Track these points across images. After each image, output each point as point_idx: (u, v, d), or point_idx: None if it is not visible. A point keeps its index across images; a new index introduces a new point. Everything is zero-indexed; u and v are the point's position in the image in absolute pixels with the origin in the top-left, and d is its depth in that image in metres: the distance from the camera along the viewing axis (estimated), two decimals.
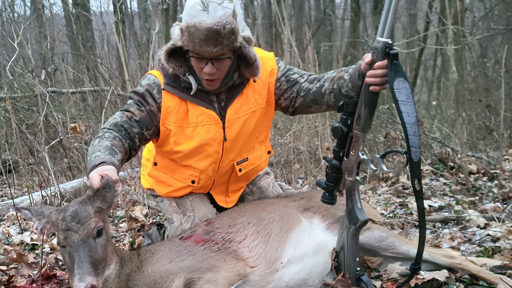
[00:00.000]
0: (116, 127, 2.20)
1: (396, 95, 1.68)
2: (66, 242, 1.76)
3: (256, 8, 15.13)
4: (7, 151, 5.90)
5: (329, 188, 2.04)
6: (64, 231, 1.77)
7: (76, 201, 1.87)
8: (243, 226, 2.14)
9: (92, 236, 1.78)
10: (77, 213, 1.79)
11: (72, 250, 1.73)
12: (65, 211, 1.81)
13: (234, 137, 2.33)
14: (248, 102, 2.33)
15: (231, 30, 1.98)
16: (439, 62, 12.76)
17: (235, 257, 2.00)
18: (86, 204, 1.83)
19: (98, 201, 1.85)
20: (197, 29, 1.97)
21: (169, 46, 2.14)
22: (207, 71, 2.10)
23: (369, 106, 1.85)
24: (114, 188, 1.87)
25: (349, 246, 2.02)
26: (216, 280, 1.86)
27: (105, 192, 1.85)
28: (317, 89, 2.25)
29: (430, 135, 5.44)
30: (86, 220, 1.78)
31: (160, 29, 5.05)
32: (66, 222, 1.77)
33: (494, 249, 2.41)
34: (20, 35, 5.82)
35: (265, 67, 2.34)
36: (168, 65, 2.17)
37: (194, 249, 2.03)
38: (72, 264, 1.72)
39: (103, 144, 2.06)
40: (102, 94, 6.40)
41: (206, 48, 2.00)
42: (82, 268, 1.69)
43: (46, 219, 1.88)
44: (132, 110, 2.24)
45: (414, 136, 1.65)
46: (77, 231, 1.76)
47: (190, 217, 2.44)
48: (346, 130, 1.92)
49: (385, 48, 1.75)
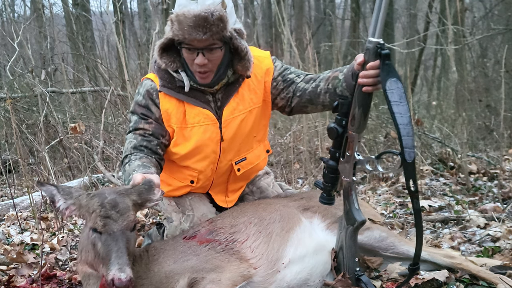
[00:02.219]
0: (136, 149, 2.22)
1: (389, 96, 1.66)
2: (104, 229, 1.71)
3: (256, 8, 15.13)
4: (7, 151, 5.90)
5: (327, 188, 2.03)
6: (103, 217, 1.72)
7: (111, 190, 1.82)
8: (244, 226, 2.14)
9: (130, 228, 1.76)
10: (117, 202, 1.75)
11: (110, 239, 1.70)
12: (102, 197, 1.77)
13: (231, 137, 2.33)
14: (244, 101, 2.33)
15: (219, 17, 2.01)
16: (439, 62, 12.77)
17: (239, 258, 2.00)
18: (124, 196, 1.79)
19: (134, 195, 1.81)
20: (185, 17, 2.01)
21: (162, 41, 2.18)
22: (198, 62, 2.12)
23: (363, 106, 1.84)
24: (153, 190, 1.85)
25: (348, 246, 2.02)
26: (220, 280, 1.86)
27: (143, 188, 1.83)
28: (313, 89, 2.25)
29: (430, 135, 5.44)
30: (125, 211, 1.75)
31: (160, 29, 5.04)
32: (106, 209, 1.73)
33: (494, 249, 2.41)
34: (20, 35, 5.82)
35: (261, 66, 2.34)
36: (161, 61, 2.21)
37: (198, 249, 2.03)
38: (108, 252, 1.68)
39: (134, 165, 2.09)
40: (102, 94, 6.40)
41: (196, 35, 2.03)
42: (122, 259, 1.65)
43: (74, 200, 1.82)
44: (141, 126, 2.27)
45: (408, 136, 1.63)
46: (116, 221, 1.72)
47: (189, 216, 2.44)
48: (341, 131, 1.92)
49: (377, 49, 1.74)
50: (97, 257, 1.75)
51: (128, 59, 6.94)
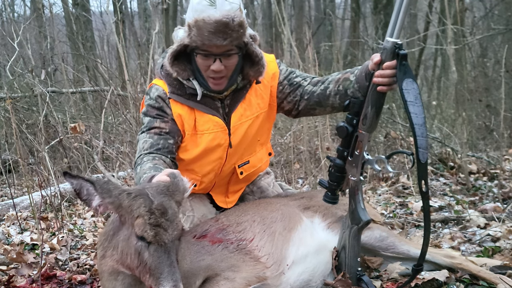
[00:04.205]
0: (152, 148, 2.14)
1: (405, 96, 1.68)
2: (155, 239, 1.55)
3: (256, 8, 15.13)
4: (7, 151, 5.90)
5: (332, 187, 2.03)
6: (153, 226, 1.55)
7: (154, 189, 1.63)
8: (249, 225, 2.12)
9: (179, 237, 1.62)
10: (166, 208, 1.58)
11: (161, 251, 1.54)
12: (150, 201, 1.58)
13: (238, 142, 2.32)
14: (251, 107, 2.32)
15: (239, 23, 1.99)
16: (439, 62, 12.77)
17: (253, 257, 1.98)
18: (170, 198, 1.62)
19: (176, 194, 1.65)
20: (205, 22, 1.96)
21: (175, 48, 2.11)
22: (215, 68, 2.09)
23: (376, 106, 1.85)
24: (182, 180, 1.70)
25: (351, 246, 2.02)
26: (235, 278, 1.84)
27: (177, 181, 1.68)
28: (322, 91, 2.24)
29: (430, 135, 5.44)
30: (174, 218, 1.59)
31: (160, 29, 5.05)
32: (156, 217, 1.56)
33: (494, 249, 2.41)
34: (20, 35, 5.82)
35: (267, 70, 2.32)
36: (172, 69, 2.15)
37: (212, 249, 1.99)
38: (159, 265, 1.53)
39: (145, 167, 2.00)
40: (102, 94, 6.40)
41: (216, 41, 1.99)
42: (175, 274, 1.51)
43: (113, 199, 1.62)
44: (157, 125, 2.20)
45: (422, 137, 1.64)
46: (167, 230, 1.56)
47: (189, 217, 2.44)
48: (351, 130, 1.92)
49: (395, 49, 1.75)
50: (143, 266, 1.58)
51: (128, 59, 6.93)
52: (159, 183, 1.67)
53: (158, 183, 1.67)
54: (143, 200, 1.59)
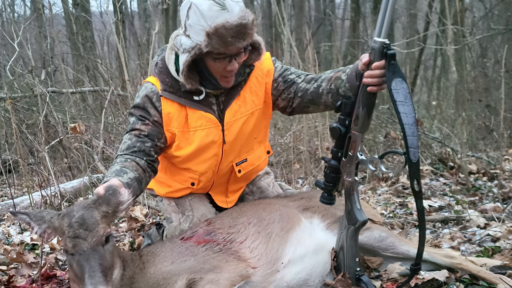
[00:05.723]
0: (128, 149, 2.18)
1: (394, 96, 1.68)
2: (75, 250, 1.69)
3: (256, 8, 15.13)
4: (7, 151, 5.90)
5: (328, 188, 2.03)
6: (72, 238, 1.70)
7: (80, 206, 1.80)
8: (243, 227, 2.14)
9: (101, 243, 1.73)
10: (84, 219, 1.72)
11: (82, 259, 1.67)
12: (70, 217, 1.74)
13: (233, 139, 2.32)
14: (245, 104, 2.32)
15: (253, 21, 2.02)
16: (439, 62, 12.77)
17: (237, 257, 2.00)
18: (92, 209, 1.76)
19: (103, 206, 1.78)
20: (227, 28, 1.96)
21: (189, 59, 2.07)
22: (232, 68, 2.10)
23: (367, 106, 1.85)
24: (119, 192, 1.81)
25: (349, 246, 2.02)
26: (218, 280, 1.86)
27: (108, 195, 1.80)
28: (315, 89, 2.24)
29: (430, 135, 5.44)
30: (94, 226, 1.72)
31: (160, 29, 5.04)
32: (74, 229, 1.70)
33: (494, 249, 2.41)
34: (20, 35, 5.81)
35: (262, 67, 2.33)
36: (187, 81, 2.14)
37: (196, 249, 2.03)
38: (82, 272, 1.67)
39: (112, 169, 2.07)
40: (102, 94, 6.40)
41: (238, 44, 2.01)
42: (94, 278, 1.64)
43: (47, 224, 1.79)
44: (138, 127, 2.22)
45: (413, 136, 1.64)
46: (85, 239, 1.69)
47: (188, 216, 2.44)
48: (344, 131, 1.92)
49: (383, 49, 1.74)
50: (76, 277, 1.74)
51: (128, 59, 6.93)
52: (90, 198, 1.83)
53: (89, 199, 1.83)
54: (67, 217, 1.74)
